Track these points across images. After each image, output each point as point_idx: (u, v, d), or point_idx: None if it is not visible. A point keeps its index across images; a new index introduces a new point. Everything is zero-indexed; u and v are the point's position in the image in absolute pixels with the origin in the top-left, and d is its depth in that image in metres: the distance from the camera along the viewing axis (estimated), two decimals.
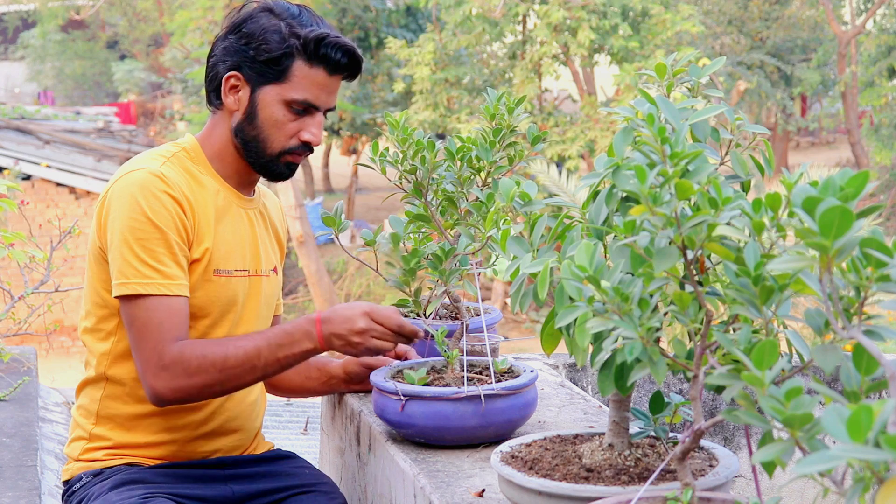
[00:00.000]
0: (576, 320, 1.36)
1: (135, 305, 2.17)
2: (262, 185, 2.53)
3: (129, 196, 2.19)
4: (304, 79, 2.24)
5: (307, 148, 2.30)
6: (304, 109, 2.27)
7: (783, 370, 1.33)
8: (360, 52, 2.30)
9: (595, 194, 1.56)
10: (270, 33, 2.23)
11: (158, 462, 2.34)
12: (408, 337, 2.24)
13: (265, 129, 2.27)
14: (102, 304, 2.28)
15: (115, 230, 2.19)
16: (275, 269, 2.44)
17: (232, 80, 2.27)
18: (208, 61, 2.33)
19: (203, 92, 2.43)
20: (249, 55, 2.25)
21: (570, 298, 1.36)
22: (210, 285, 2.27)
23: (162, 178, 2.21)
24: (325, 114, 2.31)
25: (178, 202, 2.21)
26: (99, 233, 2.24)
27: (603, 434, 1.68)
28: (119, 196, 2.20)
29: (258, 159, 2.30)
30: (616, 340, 1.34)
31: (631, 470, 1.58)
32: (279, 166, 2.31)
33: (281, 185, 15.07)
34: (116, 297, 2.19)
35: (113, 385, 2.32)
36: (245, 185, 2.38)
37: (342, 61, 2.26)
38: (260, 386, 2.49)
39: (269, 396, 2.64)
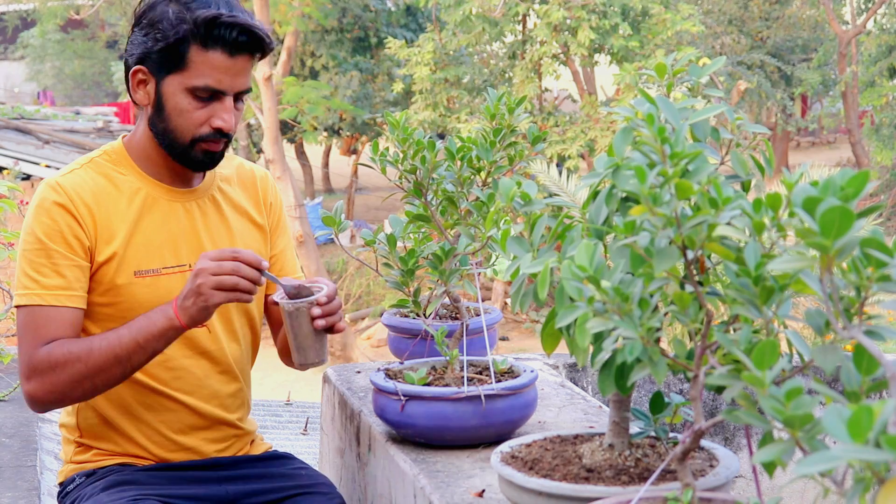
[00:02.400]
0: (576, 320, 1.36)
1: (18, 315, 2.21)
2: (245, 161, 2.50)
3: (29, 209, 2.25)
4: (203, 64, 2.17)
5: (221, 135, 2.23)
6: (210, 96, 2.20)
7: (783, 370, 1.32)
8: (261, 27, 2.20)
9: (595, 194, 1.55)
10: (163, 21, 2.18)
11: (151, 463, 2.34)
12: (249, 263, 2.09)
13: (173, 119, 2.22)
14: None
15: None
16: None
17: (139, 75, 2.23)
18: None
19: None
20: (149, 46, 2.20)
21: (570, 298, 1.35)
22: (133, 287, 2.24)
23: (56, 189, 2.22)
24: (240, 98, 2.24)
25: (68, 211, 2.21)
26: None
27: (603, 434, 1.68)
28: (27, 210, 2.27)
29: (173, 150, 2.26)
30: (616, 340, 1.34)
31: (631, 470, 1.58)
32: (196, 154, 2.25)
33: (281, 186, 15.07)
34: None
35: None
36: (179, 178, 2.33)
37: (241, 40, 2.17)
38: (241, 379, 2.43)
39: (269, 396, 2.62)
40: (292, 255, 2.53)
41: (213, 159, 2.27)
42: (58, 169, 12.81)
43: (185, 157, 2.26)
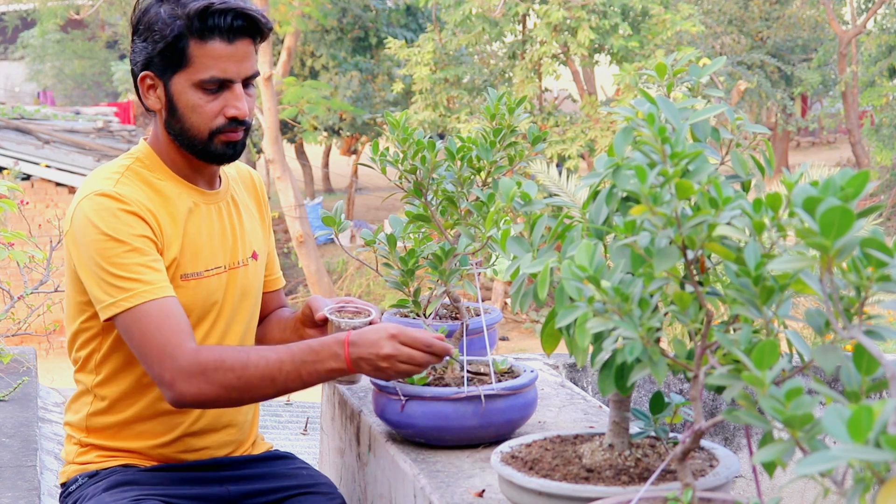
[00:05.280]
0: (576, 320, 1.36)
1: (127, 320, 2.13)
2: (237, 162, 2.49)
3: (87, 223, 2.16)
4: (204, 56, 2.17)
5: (238, 123, 2.22)
6: (219, 86, 2.20)
7: (783, 370, 1.32)
8: (255, 9, 2.20)
9: (595, 194, 1.56)
10: (158, 22, 2.17)
11: (154, 464, 2.33)
12: (438, 356, 2.08)
13: (187, 117, 2.21)
14: (83, 320, 2.27)
15: (83, 258, 2.17)
16: (254, 255, 2.40)
17: (147, 81, 2.23)
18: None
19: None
20: (150, 50, 2.20)
21: (570, 298, 1.35)
22: (180, 291, 2.23)
23: (115, 198, 2.18)
24: (249, 83, 2.24)
25: (137, 216, 2.18)
26: (70, 254, 2.23)
27: (603, 434, 1.68)
28: (79, 224, 2.18)
29: (193, 148, 2.25)
30: (616, 340, 1.34)
31: (631, 470, 1.58)
32: (216, 147, 2.24)
33: (281, 185, 15.08)
34: (107, 320, 2.16)
35: (99, 400, 2.31)
36: (205, 179, 2.34)
37: (237, 24, 2.17)
38: None
39: None
40: (275, 254, 2.56)
41: (235, 149, 2.26)
42: (61, 170, 12.54)
43: (206, 153, 2.25)
